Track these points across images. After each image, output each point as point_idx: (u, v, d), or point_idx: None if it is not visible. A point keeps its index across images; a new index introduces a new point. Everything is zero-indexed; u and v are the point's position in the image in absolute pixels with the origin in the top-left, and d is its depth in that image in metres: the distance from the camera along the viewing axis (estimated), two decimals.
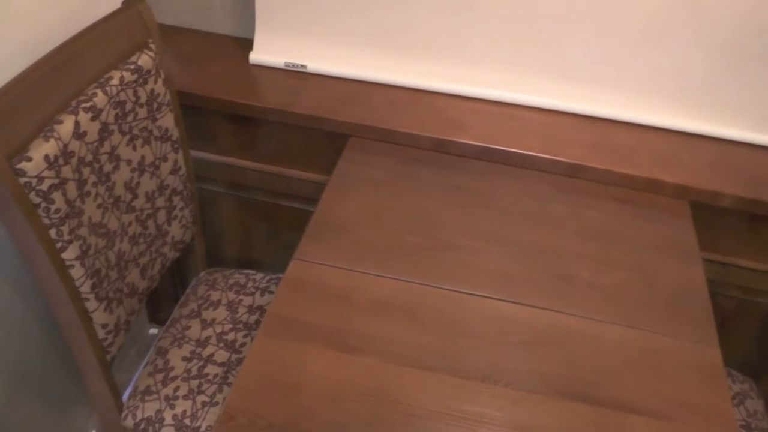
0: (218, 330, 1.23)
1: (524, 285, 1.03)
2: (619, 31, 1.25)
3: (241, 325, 1.24)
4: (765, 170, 1.27)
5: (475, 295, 1.01)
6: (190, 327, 1.23)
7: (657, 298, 1.03)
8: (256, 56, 1.38)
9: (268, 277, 1.33)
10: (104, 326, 1.04)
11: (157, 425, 1.10)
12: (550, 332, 0.97)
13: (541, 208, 1.17)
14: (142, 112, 1.08)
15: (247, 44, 1.38)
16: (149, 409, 1.11)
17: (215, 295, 1.29)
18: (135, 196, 1.10)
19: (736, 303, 1.39)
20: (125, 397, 1.15)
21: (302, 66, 1.36)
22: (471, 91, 1.35)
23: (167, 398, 1.13)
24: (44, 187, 0.88)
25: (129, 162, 1.07)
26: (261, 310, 1.27)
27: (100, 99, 0.98)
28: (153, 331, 1.70)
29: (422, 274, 1.03)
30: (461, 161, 1.25)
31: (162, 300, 1.63)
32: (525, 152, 1.23)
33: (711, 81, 1.28)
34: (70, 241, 0.93)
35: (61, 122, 0.91)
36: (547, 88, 1.33)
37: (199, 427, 1.10)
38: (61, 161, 0.90)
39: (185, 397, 1.13)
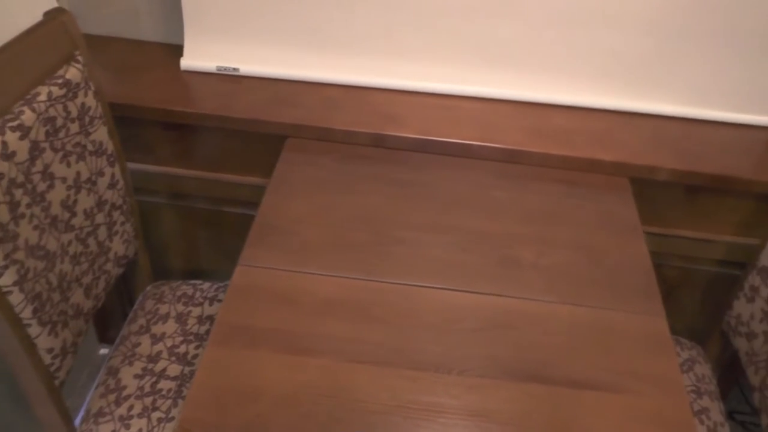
0: (169, 344, 1.21)
1: (471, 272, 1.04)
2: (549, 16, 1.27)
3: (192, 337, 1.22)
4: (698, 143, 1.31)
5: (423, 286, 1.01)
6: (140, 343, 1.20)
7: (602, 274, 1.05)
8: (187, 62, 1.35)
9: (215, 286, 1.31)
10: (50, 351, 1.01)
11: None
12: (500, 317, 0.98)
13: (482, 196, 1.18)
14: (74, 127, 1.04)
15: (178, 50, 1.36)
16: (104, 431, 1.08)
17: (163, 309, 1.26)
18: (73, 215, 1.06)
19: (680, 272, 1.43)
20: (77, 421, 1.12)
21: (234, 69, 1.34)
22: (407, 85, 1.35)
23: (121, 418, 1.10)
24: None
25: (64, 179, 1.03)
26: (211, 319, 1.25)
27: (27, 116, 0.94)
28: (104, 351, 1.66)
29: (369, 269, 1.03)
30: (401, 155, 1.25)
31: (111, 318, 1.59)
32: (463, 141, 1.24)
33: (641, 60, 1.31)
34: (6, 267, 0.90)
35: None
36: (482, 77, 1.34)
37: None
38: None
39: (140, 416, 1.10)
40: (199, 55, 1.35)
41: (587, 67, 1.32)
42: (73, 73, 1.04)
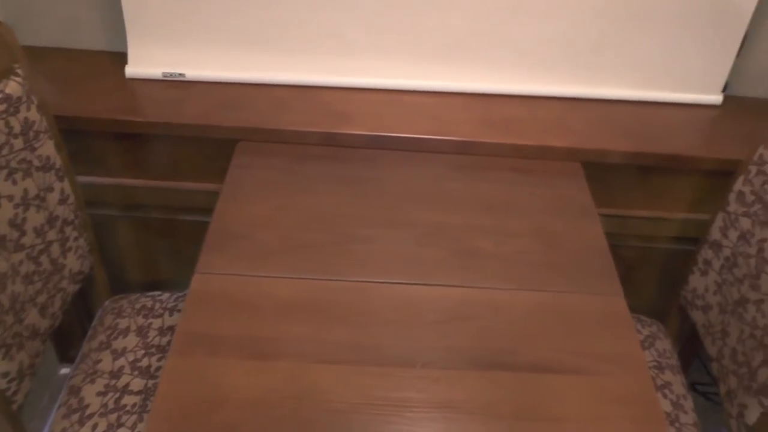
0: (131, 358, 1.18)
1: (430, 265, 1.04)
2: (495, 6, 1.27)
3: (154, 349, 1.20)
4: (647, 124, 1.34)
5: (382, 282, 1.01)
6: (101, 360, 1.18)
7: (560, 259, 1.07)
8: (132, 69, 1.33)
9: (175, 296, 1.29)
10: (5, 375, 0.98)
11: None
12: (461, 308, 0.98)
13: (437, 188, 1.19)
14: (18, 143, 1.01)
15: (123, 58, 1.33)
16: None
17: (123, 323, 1.24)
18: (23, 233, 1.03)
19: (637, 252, 1.46)
20: None
21: (181, 75, 1.32)
22: (356, 82, 1.35)
23: None
24: None
25: (11, 198, 1.00)
26: (172, 330, 1.23)
27: None
28: (65, 371, 1.62)
29: (327, 269, 1.02)
30: (353, 152, 1.25)
31: (70, 337, 1.55)
32: (415, 136, 1.24)
33: (588, 46, 1.33)
34: None
35: None
36: (431, 71, 1.35)
37: None
38: None
39: None
40: (144, 62, 1.32)
41: (535, 55, 1.34)
42: (13, 87, 1.01)
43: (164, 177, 1.35)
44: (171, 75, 1.33)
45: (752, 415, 1.03)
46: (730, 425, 1.08)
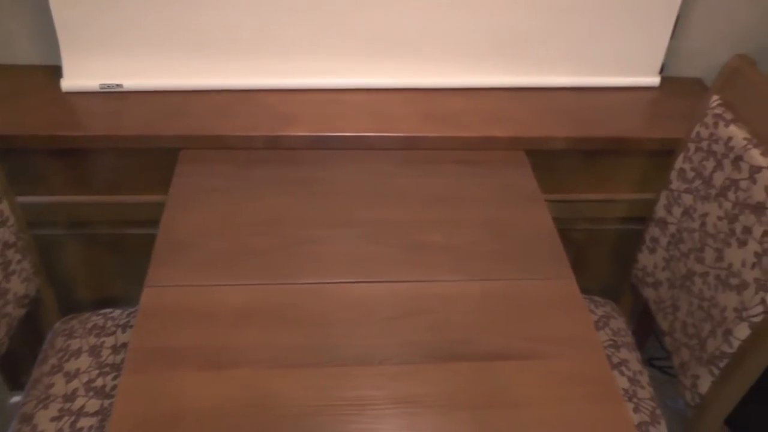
0: (84, 379, 1.15)
1: (381, 262, 1.04)
2: (431, 1, 1.28)
3: (108, 368, 1.17)
4: (588, 109, 1.36)
5: (335, 282, 1.01)
6: (53, 384, 1.15)
7: (509, 248, 1.08)
8: (67, 83, 1.29)
9: (127, 312, 1.27)
10: None
11: None
12: (415, 302, 0.99)
13: (384, 185, 1.19)
14: None
15: (58, 71, 1.30)
16: None
17: (75, 344, 1.21)
18: None
19: (587, 234, 1.49)
20: None
21: (118, 85, 1.29)
22: (297, 83, 1.34)
23: None
24: None
25: None
26: (126, 347, 1.20)
27: None
28: (16, 399, 1.57)
29: (279, 273, 1.01)
30: (298, 154, 1.24)
31: (20, 363, 1.51)
32: (359, 134, 1.24)
33: (527, 36, 1.34)
34: None
35: None
36: (372, 68, 1.35)
37: None
38: None
39: None
40: (80, 75, 1.29)
41: (474, 48, 1.35)
42: None
43: (109, 191, 1.32)
44: (108, 86, 1.30)
45: (704, 385, 1.06)
46: (684, 396, 1.11)
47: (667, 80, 1.45)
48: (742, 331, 0.98)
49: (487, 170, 1.23)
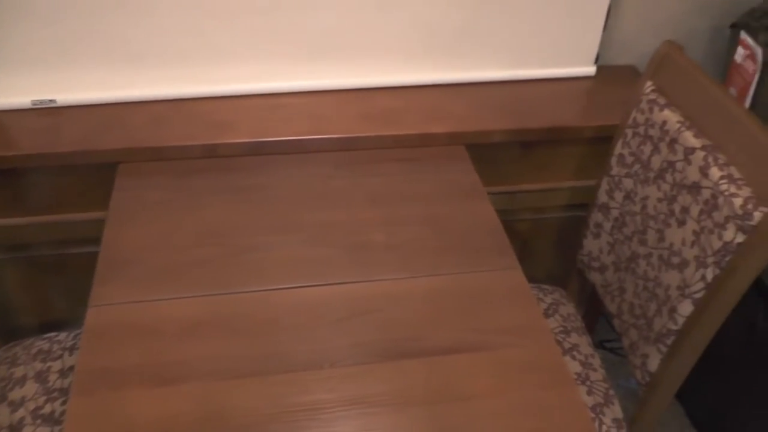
0: (31, 407, 1.12)
1: (325, 265, 1.04)
2: (359, 1, 1.28)
3: (56, 393, 1.14)
4: (525, 101, 1.38)
5: (280, 288, 1.00)
6: None
7: (453, 242, 1.09)
8: None
9: (74, 334, 1.23)
10: None
11: None
12: (361, 303, 0.99)
13: (324, 188, 1.19)
14: None
15: None
16: None
17: (19, 371, 1.17)
18: None
19: (531, 224, 1.51)
20: None
21: (51, 101, 1.26)
22: (232, 90, 1.33)
23: None
24: None
25: None
26: (73, 370, 1.17)
27: None
28: None
29: (225, 283, 1.00)
30: (236, 161, 1.23)
31: None
32: (296, 138, 1.24)
33: (460, 31, 1.36)
34: None
35: None
36: (305, 71, 1.34)
37: None
38: None
39: None
40: (11, 92, 1.26)
41: (407, 45, 1.35)
42: None
43: (47, 211, 1.29)
44: (41, 102, 1.27)
45: (653, 363, 1.08)
46: (635, 375, 1.13)
47: (602, 69, 1.48)
48: (686, 308, 1.01)
49: (427, 167, 1.24)
